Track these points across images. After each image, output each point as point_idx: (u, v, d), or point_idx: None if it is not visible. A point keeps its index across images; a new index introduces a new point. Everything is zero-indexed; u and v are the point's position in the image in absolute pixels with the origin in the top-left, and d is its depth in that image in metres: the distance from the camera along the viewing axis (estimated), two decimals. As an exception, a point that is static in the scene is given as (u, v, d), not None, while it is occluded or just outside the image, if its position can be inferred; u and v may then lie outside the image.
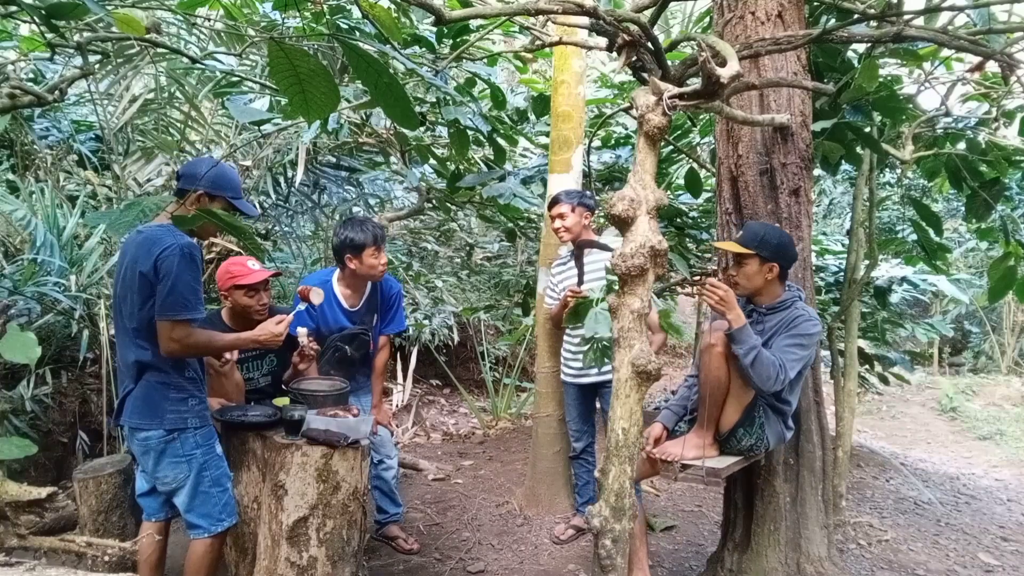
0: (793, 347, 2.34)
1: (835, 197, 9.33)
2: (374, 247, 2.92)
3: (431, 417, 6.24)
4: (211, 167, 2.21)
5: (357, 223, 2.95)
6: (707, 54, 1.76)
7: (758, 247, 2.40)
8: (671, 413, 2.65)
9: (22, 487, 2.62)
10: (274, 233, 4.98)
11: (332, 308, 3.06)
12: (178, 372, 2.20)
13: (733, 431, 2.44)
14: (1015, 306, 9.97)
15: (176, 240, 2.10)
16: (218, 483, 2.28)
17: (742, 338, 2.27)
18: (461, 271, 6.96)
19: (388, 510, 3.35)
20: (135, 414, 2.18)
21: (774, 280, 2.45)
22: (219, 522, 2.27)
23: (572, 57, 3.68)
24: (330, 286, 3.07)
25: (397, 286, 3.28)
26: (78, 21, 2.24)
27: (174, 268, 2.06)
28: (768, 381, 2.25)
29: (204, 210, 1.66)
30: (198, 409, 2.24)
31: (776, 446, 2.53)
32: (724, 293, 2.27)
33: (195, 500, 2.23)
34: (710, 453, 2.45)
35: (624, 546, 1.90)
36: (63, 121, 4.50)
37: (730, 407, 2.43)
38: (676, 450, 2.45)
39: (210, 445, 2.28)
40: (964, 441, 6.88)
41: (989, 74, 3.34)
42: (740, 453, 2.48)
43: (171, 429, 2.18)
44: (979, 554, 3.53)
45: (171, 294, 2.07)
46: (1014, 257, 3.42)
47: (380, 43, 2.19)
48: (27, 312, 3.45)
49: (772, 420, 2.44)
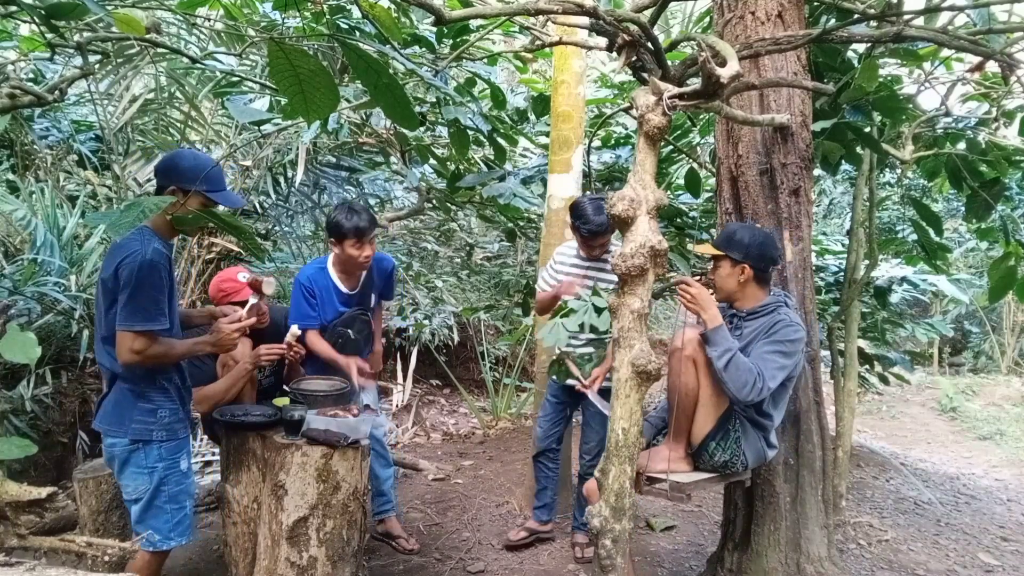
0: (774, 354, 2.19)
1: (835, 197, 9.33)
2: (355, 239, 2.85)
3: (431, 417, 6.24)
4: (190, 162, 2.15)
5: (348, 211, 2.88)
6: (707, 54, 1.77)
7: (727, 248, 2.31)
8: (649, 425, 2.52)
9: (22, 487, 2.62)
10: (274, 233, 4.98)
11: (330, 294, 3.03)
12: (148, 382, 2.14)
13: (704, 444, 2.29)
14: (1015, 306, 9.96)
15: (141, 247, 2.02)
16: (175, 500, 2.20)
17: (716, 340, 2.16)
18: (461, 271, 6.96)
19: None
20: (104, 419, 2.16)
21: (749, 283, 2.33)
22: (167, 540, 2.19)
23: (572, 57, 3.68)
24: (326, 273, 3.04)
25: (391, 262, 3.26)
26: (78, 21, 2.23)
27: (133, 277, 1.99)
28: (744, 388, 2.11)
29: (205, 211, 1.66)
30: (168, 422, 2.17)
31: (756, 464, 2.38)
32: (696, 291, 2.19)
33: (147, 513, 2.17)
34: (680, 467, 2.31)
35: (624, 546, 1.90)
36: (63, 121, 4.50)
37: (701, 417, 2.28)
38: (641, 461, 2.23)
39: (174, 460, 2.20)
40: (964, 441, 6.87)
41: (989, 74, 3.34)
42: (714, 469, 2.33)
43: (135, 439, 2.13)
44: (979, 554, 3.53)
45: (129, 304, 2.00)
46: (1014, 257, 3.42)
47: (380, 43, 2.19)
48: (27, 312, 3.46)
49: (751, 436, 2.30)
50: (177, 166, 2.14)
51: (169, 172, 2.13)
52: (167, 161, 2.17)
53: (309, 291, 3.02)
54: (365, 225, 2.85)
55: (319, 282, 3.03)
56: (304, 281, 3.04)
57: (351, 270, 3.04)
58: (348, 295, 3.07)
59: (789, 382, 2.31)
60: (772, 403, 2.29)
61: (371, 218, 2.90)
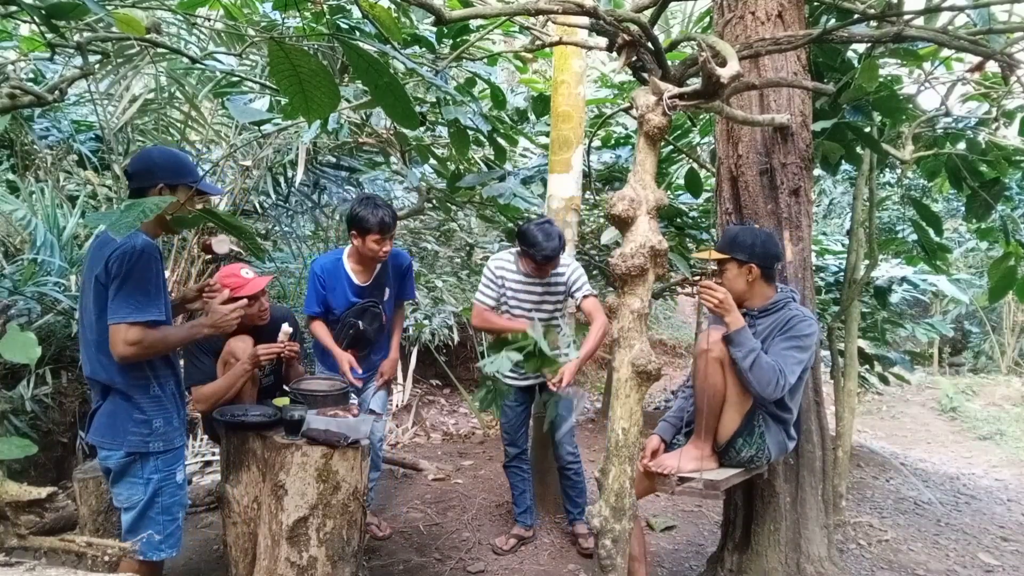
0: (791, 350, 2.26)
1: (835, 197, 9.34)
2: (379, 234, 2.91)
3: (431, 417, 6.24)
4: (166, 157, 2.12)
5: (372, 204, 2.92)
6: (707, 54, 1.77)
7: (731, 250, 2.34)
8: (668, 425, 2.57)
9: (22, 487, 2.61)
10: (274, 233, 4.99)
11: (342, 284, 3.09)
12: (141, 392, 2.09)
13: (732, 441, 2.35)
14: (1015, 306, 9.97)
15: (129, 239, 1.96)
16: (168, 512, 2.16)
17: (740, 341, 2.20)
18: (461, 271, 6.96)
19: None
20: (97, 432, 2.11)
21: (757, 282, 2.37)
22: (157, 551, 2.14)
23: (572, 57, 3.68)
24: (341, 264, 3.10)
25: (407, 258, 3.31)
26: (78, 21, 2.23)
27: (123, 268, 1.95)
28: (768, 387, 2.17)
29: (204, 210, 1.66)
30: (163, 431, 2.13)
31: (778, 457, 2.45)
32: (723, 295, 2.21)
33: (139, 523, 2.12)
34: (708, 465, 2.36)
35: (624, 546, 1.90)
36: (63, 121, 4.50)
37: (728, 416, 2.33)
38: (673, 462, 2.34)
39: (170, 471, 2.16)
40: (964, 441, 6.88)
41: (989, 74, 3.34)
42: (740, 465, 2.38)
43: (131, 452, 2.08)
44: (979, 554, 3.53)
45: (119, 295, 1.96)
46: (1014, 257, 3.43)
47: (380, 43, 2.19)
48: (27, 312, 3.45)
49: (773, 429, 2.36)
50: (155, 164, 2.09)
51: (151, 171, 2.08)
52: (141, 163, 2.12)
53: (322, 281, 3.10)
54: (390, 220, 2.92)
55: (332, 272, 3.10)
56: (318, 271, 3.12)
57: (367, 263, 3.08)
58: (361, 287, 3.12)
59: (805, 374, 2.37)
60: (790, 396, 2.34)
61: (394, 213, 2.98)
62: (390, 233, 2.95)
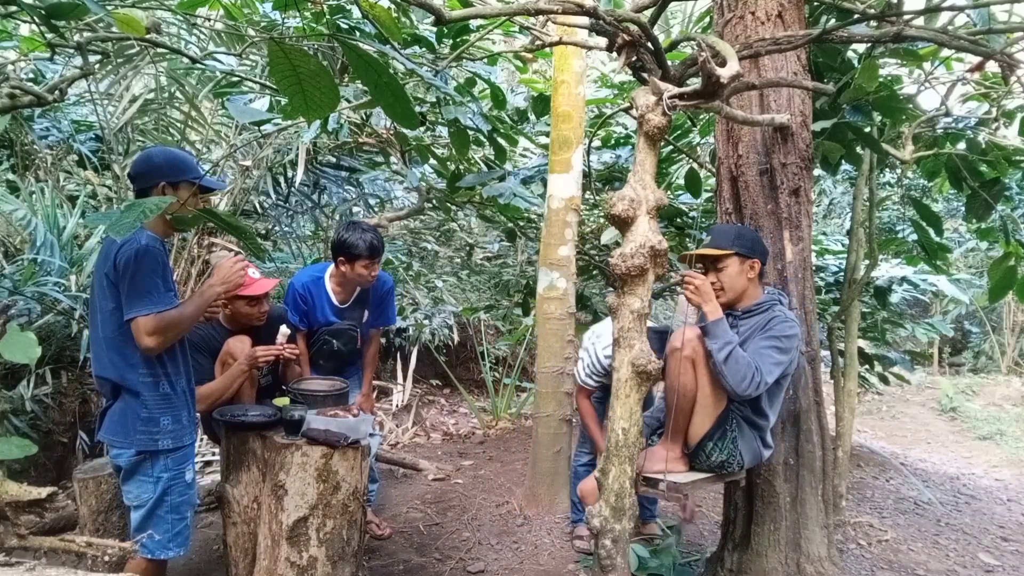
0: (770, 349, 2.19)
1: (835, 197, 9.34)
2: (368, 259, 2.92)
3: (431, 417, 6.23)
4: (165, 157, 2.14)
5: (359, 230, 2.93)
6: (707, 54, 1.77)
7: (735, 244, 2.30)
8: (644, 425, 2.47)
9: (22, 487, 2.61)
10: (274, 233, 4.99)
11: (322, 303, 3.11)
12: (150, 389, 2.12)
13: (702, 444, 2.27)
14: (1015, 306, 9.96)
15: (136, 236, 2.02)
16: (176, 510, 2.18)
17: (717, 332, 2.14)
18: (461, 271, 6.96)
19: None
20: (109, 431, 2.15)
21: (755, 279, 2.34)
22: (165, 549, 2.17)
23: (572, 57, 3.68)
24: (323, 282, 3.12)
25: (389, 282, 3.29)
26: (78, 21, 2.24)
27: (131, 263, 2.00)
28: (743, 382, 2.10)
29: (205, 210, 1.66)
30: (171, 429, 2.15)
31: (752, 464, 2.37)
32: (700, 283, 2.18)
33: (148, 521, 2.15)
34: (676, 467, 2.29)
35: (624, 546, 1.90)
36: (63, 121, 4.50)
37: (699, 418, 2.26)
38: (638, 462, 2.18)
39: (180, 470, 2.18)
40: (964, 441, 6.88)
41: (989, 74, 3.34)
42: (711, 469, 2.31)
43: (141, 450, 2.11)
44: (979, 554, 3.53)
45: (132, 291, 2.00)
46: (1014, 257, 3.42)
47: (380, 43, 2.19)
48: (27, 312, 3.46)
49: (747, 435, 2.29)
50: (155, 164, 2.12)
51: (152, 171, 2.11)
52: (142, 164, 2.15)
53: (301, 298, 3.11)
54: (378, 244, 2.93)
55: (313, 291, 3.11)
56: (299, 288, 3.11)
57: (349, 284, 3.10)
58: (341, 308, 3.14)
59: (784, 379, 2.31)
60: (768, 402, 2.28)
61: (380, 237, 2.98)
62: (378, 257, 2.95)
